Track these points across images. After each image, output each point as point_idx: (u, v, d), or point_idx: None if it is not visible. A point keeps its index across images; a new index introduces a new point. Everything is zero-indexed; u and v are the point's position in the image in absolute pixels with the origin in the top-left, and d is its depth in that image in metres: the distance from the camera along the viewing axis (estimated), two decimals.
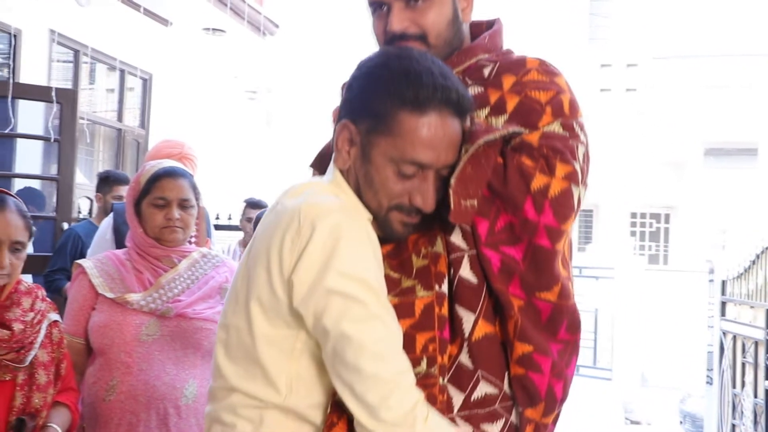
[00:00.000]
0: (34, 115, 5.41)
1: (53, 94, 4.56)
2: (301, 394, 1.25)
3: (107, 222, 2.97)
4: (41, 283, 2.87)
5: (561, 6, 20.61)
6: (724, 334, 5.68)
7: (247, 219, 5.35)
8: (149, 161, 2.36)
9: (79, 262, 2.19)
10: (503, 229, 1.29)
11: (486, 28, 1.52)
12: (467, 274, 1.29)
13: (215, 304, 2.16)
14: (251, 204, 5.46)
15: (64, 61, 7.01)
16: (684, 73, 19.29)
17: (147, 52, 7.62)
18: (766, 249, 5.10)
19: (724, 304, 5.78)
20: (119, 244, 2.69)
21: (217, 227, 5.86)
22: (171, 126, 7.64)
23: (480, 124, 1.32)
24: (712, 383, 6.02)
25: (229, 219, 6.65)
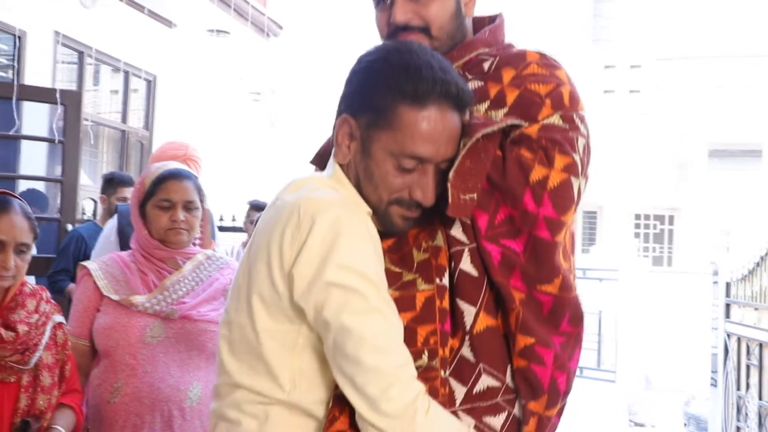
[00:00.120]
0: (38, 117, 5.43)
1: (57, 95, 4.57)
2: (304, 389, 1.25)
3: (111, 223, 2.98)
4: (44, 285, 2.88)
5: (564, 7, 20.64)
6: (728, 336, 5.66)
7: (251, 221, 5.36)
8: (154, 163, 2.37)
9: (84, 263, 2.19)
10: (503, 222, 1.29)
11: (488, 23, 1.52)
12: (468, 267, 1.29)
13: (220, 306, 2.16)
14: (255, 206, 5.47)
15: (68, 63, 7.02)
16: (688, 75, 19.24)
17: (151, 53, 7.63)
18: None
19: (728, 305, 5.75)
20: (123, 245, 2.69)
21: (221, 229, 5.87)
22: (175, 127, 7.65)
23: (479, 117, 1.32)
24: (716, 385, 6.00)
25: (233, 221, 6.66)
